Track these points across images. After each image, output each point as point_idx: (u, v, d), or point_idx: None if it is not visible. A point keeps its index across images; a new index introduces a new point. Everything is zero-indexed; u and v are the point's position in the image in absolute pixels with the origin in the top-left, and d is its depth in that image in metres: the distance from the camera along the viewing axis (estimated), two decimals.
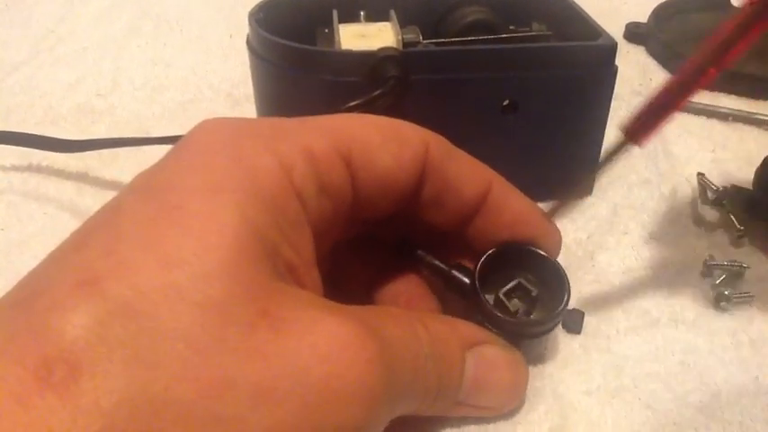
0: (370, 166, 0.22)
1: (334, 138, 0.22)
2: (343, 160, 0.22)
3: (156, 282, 0.16)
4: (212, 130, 0.21)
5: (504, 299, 0.26)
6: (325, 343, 0.18)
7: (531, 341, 0.27)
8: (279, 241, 0.19)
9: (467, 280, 0.27)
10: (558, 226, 0.28)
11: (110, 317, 0.15)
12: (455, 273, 0.27)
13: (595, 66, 0.34)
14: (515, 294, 0.27)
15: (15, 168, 0.41)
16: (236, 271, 0.17)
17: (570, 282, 0.27)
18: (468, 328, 0.25)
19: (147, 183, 0.20)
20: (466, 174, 0.25)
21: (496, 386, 0.25)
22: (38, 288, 0.17)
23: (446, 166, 0.24)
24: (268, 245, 0.18)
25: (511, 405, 0.26)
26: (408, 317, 0.22)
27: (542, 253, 0.27)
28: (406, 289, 0.27)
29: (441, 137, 0.25)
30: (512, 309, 0.26)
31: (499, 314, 0.26)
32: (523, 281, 0.27)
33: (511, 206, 0.26)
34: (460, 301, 0.27)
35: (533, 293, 0.27)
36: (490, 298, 0.26)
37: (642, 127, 0.23)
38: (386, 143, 0.23)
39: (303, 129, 0.22)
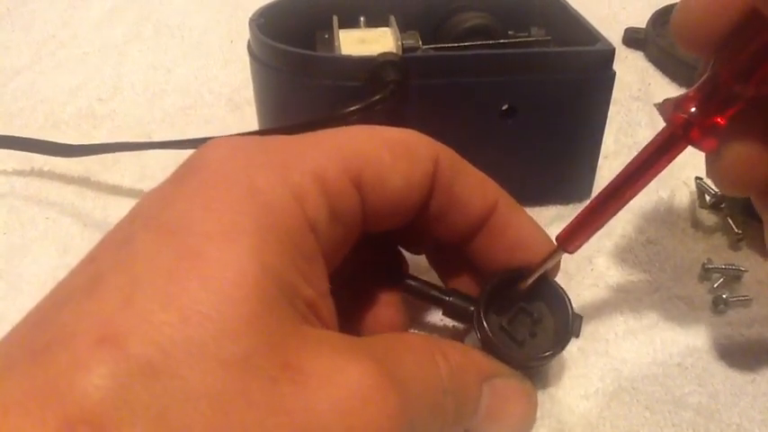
0: (380, 188, 0.22)
1: (345, 160, 0.22)
2: (354, 184, 0.22)
3: (177, 338, 0.16)
4: (222, 157, 0.21)
5: (507, 328, 0.26)
6: (346, 397, 0.18)
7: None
8: (296, 281, 0.19)
9: (466, 306, 0.27)
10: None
11: (132, 377, 0.15)
12: (454, 300, 0.27)
13: (594, 70, 0.34)
14: (518, 320, 0.27)
15: (17, 173, 0.41)
16: (257, 324, 0.17)
17: (569, 293, 0.26)
18: (484, 360, 0.25)
19: (159, 219, 0.19)
20: (473, 190, 0.25)
21: (508, 418, 0.25)
22: (55, 339, 0.16)
23: (454, 182, 0.24)
24: (286, 288, 0.18)
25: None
26: (429, 348, 0.22)
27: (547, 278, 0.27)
28: (377, 307, 0.27)
29: (449, 150, 0.24)
30: (517, 337, 0.26)
31: (506, 346, 0.25)
32: (524, 305, 0.27)
33: (514, 227, 0.26)
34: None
35: (534, 315, 0.26)
36: (493, 325, 0.26)
37: (573, 236, 0.25)
38: (396, 163, 0.23)
39: (314, 152, 0.22)
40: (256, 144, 0.21)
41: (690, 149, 0.23)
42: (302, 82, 0.33)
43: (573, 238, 0.25)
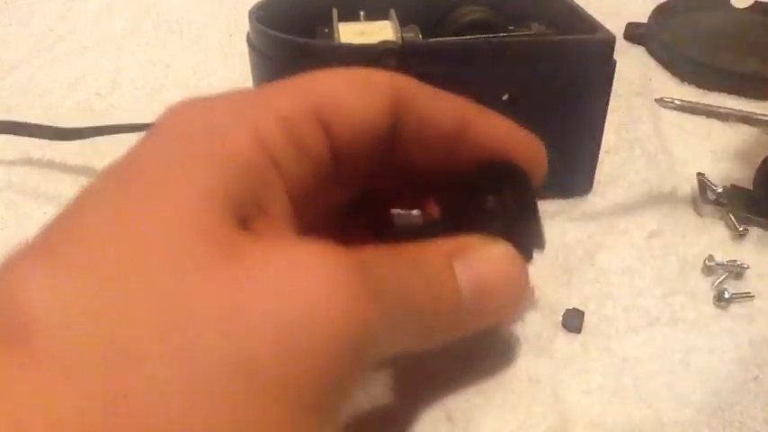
0: (342, 114, 0.22)
1: (305, 97, 0.22)
2: (316, 118, 0.22)
3: (112, 237, 0.16)
4: (184, 110, 0.21)
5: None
6: (296, 264, 0.16)
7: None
8: (251, 205, 0.19)
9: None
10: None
11: (64, 273, 0.15)
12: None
13: (594, 60, 0.34)
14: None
15: (15, 166, 0.41)
16: (198, 222, 0.16)
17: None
18: (445, 240, 0.23)
19: (115, 167, 0.19)
20: (441, 103, 0.25)
21: (496, 283, 0.23)
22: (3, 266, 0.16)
23: (419, 100, 0.24)
24: (238, 209, 0.18)
25: (518, 301, 0.24)
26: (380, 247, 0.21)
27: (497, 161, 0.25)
28: None
29: (409, 77, 0.24)
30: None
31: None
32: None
33: (490, 126, 0.25)
34: None
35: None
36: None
37: None
38: (352, 89, 0.23)
39: (274, 94, 0.22)
40: (218, 96, 0.21)
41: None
42: (301, 71, 0.33)
43: None
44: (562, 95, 0.34)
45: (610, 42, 0.34)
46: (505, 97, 0.34)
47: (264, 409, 0.14)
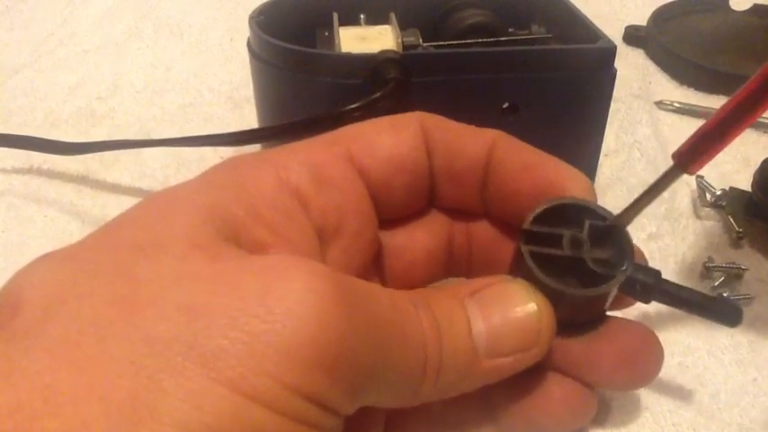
0: (373, 154, 0.23)
1: (332, 144, 0.23)
2: (346, 160, 0.23)
3: (111, 239, 0.18)
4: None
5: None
6: (263, 262, 0.17)
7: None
8: (255, 226, 0.20)
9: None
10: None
11: (57, 266, 0.17)
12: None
13: (595, 68, 0.34)
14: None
15: (16, 171, 0.41)
16: (184, 232, 0.18)
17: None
18: (463, 282, 0.22)
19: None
20: (467, 134, 0.25)
21: (513, 321, 0.21)
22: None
23: (446, 133, 0.24)
24: (228, 227, 0.19)
25: (541, 342, 0.21)
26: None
27: (584, 203, 0.24)
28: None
29: (435, 114, 0.25)
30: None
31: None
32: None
33: (517, 154, 0.24)
34: None
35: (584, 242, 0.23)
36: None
37: (694, 154, 0.21)
38: (381, 130, 0.24)
39: (301, 145, 0.23)
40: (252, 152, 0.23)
41: None
42: (302, 80, 0.33)
43: (695, 154, 0.21)
44: (562, 103, 0.34)
45: (610, 51, 0.34)
46: (506, 105, 0.34)
47: (220, 397, 0.14)
